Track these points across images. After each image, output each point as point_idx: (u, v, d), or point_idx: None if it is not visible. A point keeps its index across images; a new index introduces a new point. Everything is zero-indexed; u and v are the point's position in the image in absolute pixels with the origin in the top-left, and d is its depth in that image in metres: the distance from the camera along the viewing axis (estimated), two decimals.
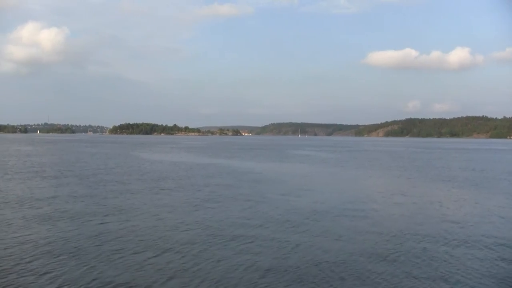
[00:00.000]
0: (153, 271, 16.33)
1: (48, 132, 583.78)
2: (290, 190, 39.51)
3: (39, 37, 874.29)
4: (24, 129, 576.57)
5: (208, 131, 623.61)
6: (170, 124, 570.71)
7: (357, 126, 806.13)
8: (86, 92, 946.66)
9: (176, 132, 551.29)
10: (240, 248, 19.48)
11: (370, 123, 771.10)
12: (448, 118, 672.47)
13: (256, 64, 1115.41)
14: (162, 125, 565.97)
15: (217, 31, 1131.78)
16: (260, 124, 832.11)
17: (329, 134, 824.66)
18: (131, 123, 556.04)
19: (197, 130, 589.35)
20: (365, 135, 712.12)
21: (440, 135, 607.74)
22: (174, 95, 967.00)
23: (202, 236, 21.52)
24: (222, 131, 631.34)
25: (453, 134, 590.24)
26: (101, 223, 24.08)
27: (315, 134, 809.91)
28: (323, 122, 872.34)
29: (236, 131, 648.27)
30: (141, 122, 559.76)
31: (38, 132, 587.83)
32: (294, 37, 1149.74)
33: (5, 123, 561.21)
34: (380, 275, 16.32)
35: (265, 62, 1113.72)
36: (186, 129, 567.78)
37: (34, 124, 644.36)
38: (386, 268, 17.13)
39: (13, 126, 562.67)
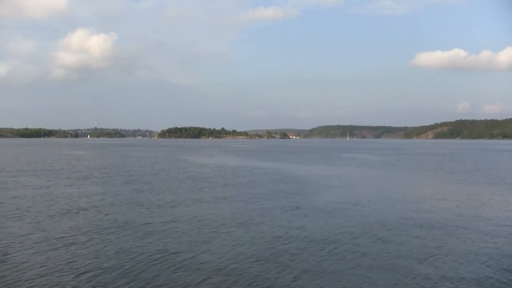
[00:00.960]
0: (207, 273, 15.91)
1: (98, 136, 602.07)
2: (343, 195, 38.77)
3: (88, 44, 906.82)
4: (75, 134, 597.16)
5: (256, 134, 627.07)
6: (218, 128, 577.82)
7: (406, 128, 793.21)
8: (135, 96, 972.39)
9: (224, 135, 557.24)
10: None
11: (419, 125, 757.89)
12: (500, 119, 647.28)
13: (303, 67, 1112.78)
14: (210, 128, 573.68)
15: (262, 34, 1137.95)
16: (307, 127, 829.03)
17: (377, 136, 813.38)
18: (179, 127, 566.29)
19: (245, 134, 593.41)
20: (414, 137, 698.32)
21: (491, 136, 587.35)
22: (221, 98, 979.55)
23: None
24: (270, 134, 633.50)
25: (506, 136, 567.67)
26: (148, 224, 24.04)
27: (363, 137, 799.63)
28: (371, 125, 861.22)
29: (284, 134, 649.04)
30: (189, 126, 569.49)
31: (88, 136, 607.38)
32: (341, 39, 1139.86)
33: (57, 128, 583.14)
34: None
35: (312, 64, 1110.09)
36: (234, 133, 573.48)
37: (84, 129, 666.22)
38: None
39: (64, 131, 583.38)
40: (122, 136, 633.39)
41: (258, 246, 20.40)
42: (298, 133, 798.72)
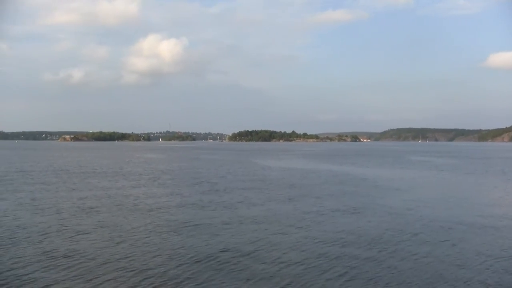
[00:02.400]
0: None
1: (169, 139, 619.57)
2: (407, 198, 37.87)
3: (159, 49, 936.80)
4: (147, 137, 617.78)
5: (327, 138, 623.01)
6: (289, 131, 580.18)
7: (480, 130, 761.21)
8: (206, 100, 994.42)
9: (295, 138, 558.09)
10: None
11: (494, 128, 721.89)
12: None
13: (374, 69, 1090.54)
14: (280, 132, 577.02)
15: (332, 37, 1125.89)
16: (379, 129, 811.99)
17: (451, 139, 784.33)
18: (250, 130, 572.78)
19: (316, 137, 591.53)
20: (489, 140, 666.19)
21: None
22: (292, 102, 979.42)
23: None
24: (341, 137, 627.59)
25: None
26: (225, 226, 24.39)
27: (436, 140, 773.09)
28: (444, 127, 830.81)
29: (355, 137, 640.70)
30: (259, 129, 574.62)
31: (160, 139, 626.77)
32: (411, 40, 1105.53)
33: (130, 132, 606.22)
34: None
35: (383, 67, 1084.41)
36: (305, 136, 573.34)
37: (156, 132, 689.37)
38: None
39: (137, 135, 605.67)
40: (194, 139, 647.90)
41: (319, 248, 20.39)
42: (369, 136, 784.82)
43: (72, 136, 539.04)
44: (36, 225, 24.85)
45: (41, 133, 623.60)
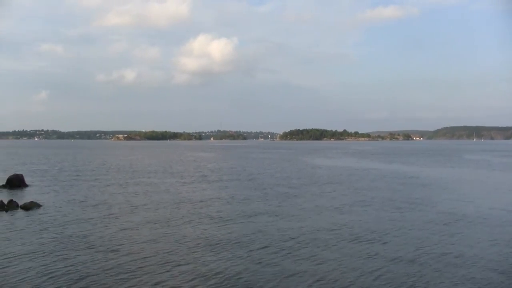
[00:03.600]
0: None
1: (221, 138, 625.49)
2: (461, 200, 37.24)
3: (209, 48, 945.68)
4: (199, 136, 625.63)
5: (378, 136, 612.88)
6: (340, 129, 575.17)
7: None
8: (256, 99, 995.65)
9: (346, 137, 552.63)
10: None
11: None
12: None
13: (426, 66, 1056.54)
14: (331, 130, 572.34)
15: (382, 34, 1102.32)
16: (432, 128, 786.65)
17: (508, 137, 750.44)
18: (300, 128, 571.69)
19: (367, 135, 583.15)
20: None
21: None
22: (342, 100, 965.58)
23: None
24: (393, 135, 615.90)
25: None
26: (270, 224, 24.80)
27: (492, 138, 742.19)
28: (500, 125, 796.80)
29: (407, 136, 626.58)
30: (310, 127, 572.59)
31: (212, 138, 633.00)
32: (464, 36, 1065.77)
33: (181, 131, 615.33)
34: None
35: (435, 64, 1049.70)
36: (356, 134, 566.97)
37: (208, 131, 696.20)
38: None
39: (188, 134, 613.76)
40: (245, 138, 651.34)
41: (377, 257, 20.36)
42: (422, 134, 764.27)
43: (125, 135, 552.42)
44: (88, 221, 26.25)
45: (95, 132, 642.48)
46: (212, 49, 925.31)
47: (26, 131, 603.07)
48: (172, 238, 21.85)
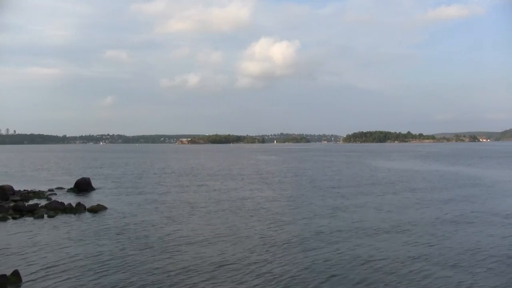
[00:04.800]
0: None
1: (284, 142, 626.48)
2: None
3: (271, 52, 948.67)
4: (262, 139, 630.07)
5: (443, 138, 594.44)
6: (404, 132, 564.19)
7: None
8: (319, 101, 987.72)
9: (410, 139, 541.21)
10: None
11: None
12: None
13: (491, 67, 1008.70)
14: (395, 132, 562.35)
15: (446, 34, 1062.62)
16: (499, 129, 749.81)
17: None
18: (364, 131, 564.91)
19: (432, 137, 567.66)
20: None
21: None
22: (406, 102, 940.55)
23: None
24: (458, 137, 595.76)
25: None
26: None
27: None
28: None
29: (473, 137, 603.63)
30: (374, 130, 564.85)
31: (275, 142, 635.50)
32: None
33: (244, 134, 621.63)
34: None
35: (501, 63, 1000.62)
36: (420, 136, 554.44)
37: (271, 135, 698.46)
38: None
39: (251, 137, 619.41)
40: (308, 141, 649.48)
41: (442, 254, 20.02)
42: (489, 136, 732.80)
43: (188, 139, 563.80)
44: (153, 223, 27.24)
45: (159, 136, 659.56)
46: (274, 52, 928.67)
47: (92, 135, 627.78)
48: (235, 240, 22.32)
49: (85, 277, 16.64)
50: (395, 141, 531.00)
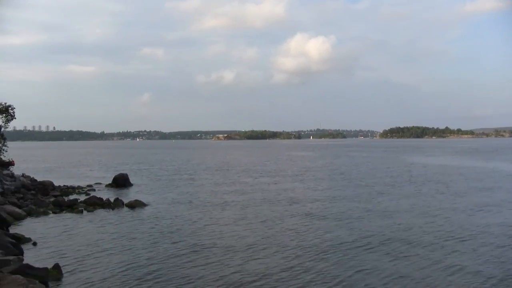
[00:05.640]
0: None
1: (320, 137, 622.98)
2: None
3: (307, 47, 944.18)
4: (298, 135, 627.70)
5: (483, 133, 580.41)
6: (442, 127, 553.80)
7: None
8: (355, 97, 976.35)
9: (448, 134, 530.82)
10: None
11: None
12: None
13: None
14: (433, 128, 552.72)
15: (483, 27, 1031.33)
16: None
17: None
18: (401, 126, 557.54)
19: (471, 132, 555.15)
20: None
21: None
22: (444, 97, 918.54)
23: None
24: (498, 132, 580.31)
25: None
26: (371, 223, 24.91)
27: None
28: None
29: None
30: (411, 125, 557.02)
31: (311, 137, 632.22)
32: None
33: (281, 130, 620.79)
34: None
35: None
36: (459, 132, 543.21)
37: (307, 130, 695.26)
38: None
39: (288, 133, 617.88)
40: (344, 137, 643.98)
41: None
42: None
43: (225, 135, 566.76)
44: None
45: (196, 132, 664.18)
46: (310, 48, 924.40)
47: (130, 132, 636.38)
48: (266, 235, 22.48)
49: (122, 270, 17.08)
50: (433, 137, 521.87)
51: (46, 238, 22.20)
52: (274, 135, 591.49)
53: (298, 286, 15.51)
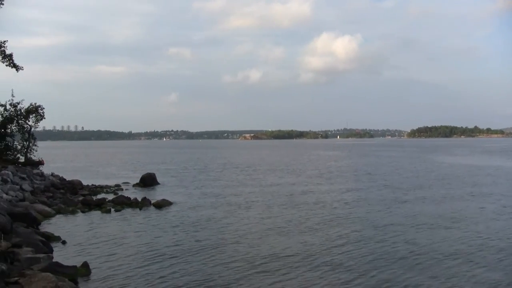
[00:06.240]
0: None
1: (347, 137, 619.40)
2: None
3: (333, 46, 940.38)
4: (325, 135, 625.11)
5: None
6: (470, 126, 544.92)
7: None
8: (383, 96, 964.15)
9: (477, 134, 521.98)
10: None
11: None
12: None
13: None
14: (461, 127, 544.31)
15: None
16: None
17: None
18: (429, 126, 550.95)
19: (500, 132, 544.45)
20: None
21: None
22: (473, 96, 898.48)
23: None
24: None
25: None
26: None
27: None
28: None
29: None
30: (439, 125, 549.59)
31: (338, 137, 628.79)
32: None
33: (307, 130, 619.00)
34: None
35: None
36: (488, 131, 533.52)
37: (334, 130, 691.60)
38: None
39: (314, 132, 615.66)
40: (371, 136, 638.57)
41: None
42: None
43: (251, 134, 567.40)
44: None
45: (222, 132, 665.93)
46: (336, 47, 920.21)
47: (157, 131, 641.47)
48: (290, 233, 22.42)
49: (148, 267, 17.28)
50: (462, 136, 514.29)
51: (74, 236, 22.54)
52: (301, 134, 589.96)
53: (326, 285, 15.46)
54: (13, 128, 44.54)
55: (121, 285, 15.40)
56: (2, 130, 43.70)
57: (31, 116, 44.78)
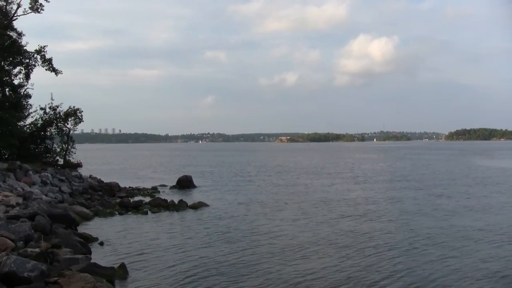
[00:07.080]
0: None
1: (384, 140, 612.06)
2: None
3: (369, 49, 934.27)
4: (362, 138, 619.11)
5: None
6: (510, 129, 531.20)
7: None
8: (420, 98, 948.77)
9: None
10: None
11: None
12: None
13: None
14: (501, 130, 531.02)
15: None
16: None
17: None
18: (467, 128, 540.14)
19: None
20: None
21: None
22: None
23: None
24: None
25: None
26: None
27: None
28: None
29: None
30: (478, 127, 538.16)
31: (375, 140, 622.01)
32: None
33: (344, 132, 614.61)
34: None
35: None
36: None
37: (370, 132, 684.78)
38: None
39: (351, 135, 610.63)
40: (408, 139, 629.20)
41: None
42: None
43: (288, 137, 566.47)
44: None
45: (259, 135, 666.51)
46: (372, 49, 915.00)
47: (193, 134, 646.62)
48: (323, 235, 22.18)
49: (184, 269, 17.33)
50: (501, 139, 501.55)
51: (112, 238, 22.79)
52: (337, 137, 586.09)
53: (355, 286, 15.41)
54: (53, 131, 45.33)
55: (157, 286, 15.49)
56: (42, 133, 44.61)
57: (70, 119, 45.48)
